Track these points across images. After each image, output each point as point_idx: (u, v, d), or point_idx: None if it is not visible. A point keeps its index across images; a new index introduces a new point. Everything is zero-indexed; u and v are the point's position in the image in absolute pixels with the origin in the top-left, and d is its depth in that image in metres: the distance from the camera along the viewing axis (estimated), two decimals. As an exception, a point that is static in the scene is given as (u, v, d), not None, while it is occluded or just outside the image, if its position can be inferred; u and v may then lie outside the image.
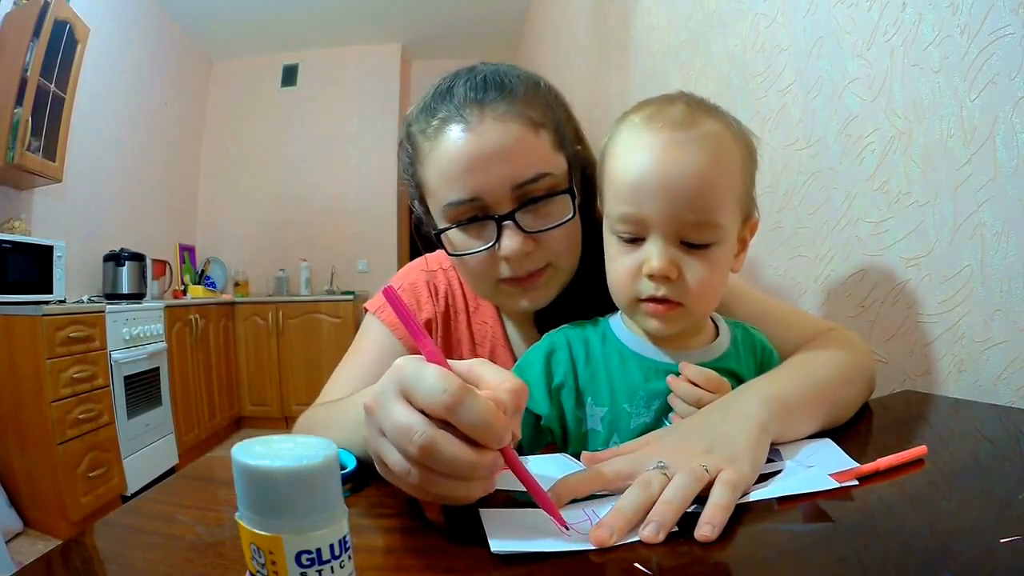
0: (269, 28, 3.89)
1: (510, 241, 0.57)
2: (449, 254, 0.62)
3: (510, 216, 0.57)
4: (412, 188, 0.65)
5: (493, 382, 0.34)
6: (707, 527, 0.32)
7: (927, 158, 0.69)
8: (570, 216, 0.59)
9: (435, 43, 4.23)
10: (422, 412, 0.32)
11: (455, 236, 0.60)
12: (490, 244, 0.58)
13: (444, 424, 0.31)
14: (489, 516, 0.34)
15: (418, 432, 0.31)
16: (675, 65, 1.46)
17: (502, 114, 0.56)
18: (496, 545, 0.31)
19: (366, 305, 0.73)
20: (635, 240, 0.50)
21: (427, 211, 0.64)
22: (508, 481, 0.38)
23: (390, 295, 0.36)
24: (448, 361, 0.35)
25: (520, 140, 0.56)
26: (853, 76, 0.81)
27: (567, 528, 0.33)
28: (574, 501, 0.37)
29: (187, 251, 3.84)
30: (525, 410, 0.53)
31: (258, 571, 0.23)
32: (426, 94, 0.61)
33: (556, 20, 3.03)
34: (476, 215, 0.58)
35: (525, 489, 0.35)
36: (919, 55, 0.69)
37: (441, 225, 0.60)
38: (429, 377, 0.31)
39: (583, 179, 0.64)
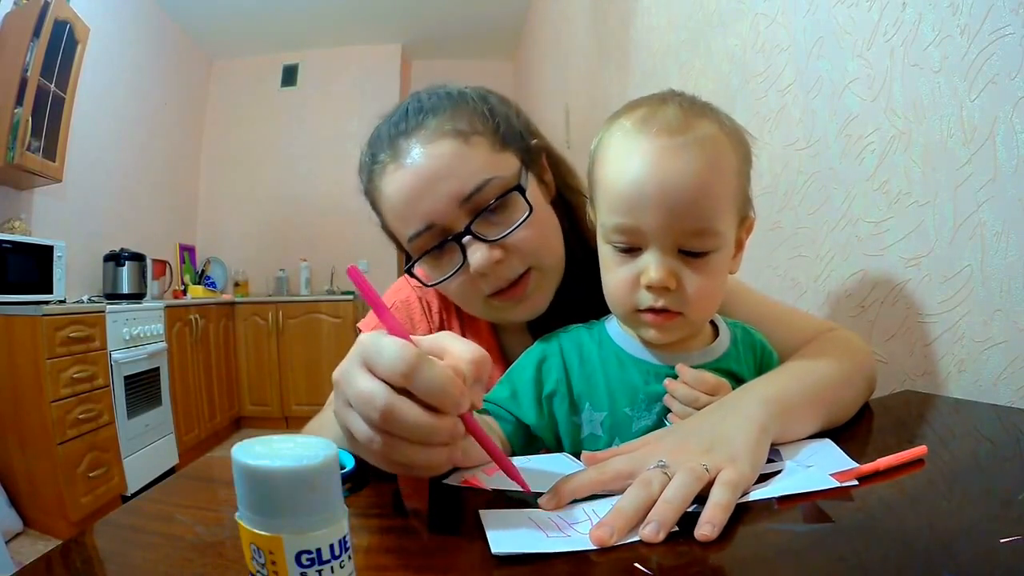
0: (269, 28, 3.89)
1: (476, 255, 0.56)
2: (427, 286, 0.62)
3: (467, 231, 0.56)
4: (389, 237, 0.66)
5: (456, 352, 0.35)
6: (707, 527, 0.32)
7: (927, 158, 0.69)
8: (528, 213, 0.57)
9: (435, 43, 4.23)
10: (384, 382, 0.33)
11: (425, 267, 0.61)
12: (459, 266, 0.58)
13: (405, 393, 0.33)
14: (489, 517, 0.35)
15: (379, 398, 0.32)
16: (675, 65, 1.46)
17: (428, 136, 0.56)
18: (497, 546, 0.31)
19: (359, 325, 0.72)
20: (631, 250, 0.49)
21: (404, 251, 0.65)
22: (502, 481, 0.39)
23: (353, 274, 0.37)
24: (413, 336, 0.36)
25: (451, 155, 0.56)
26: (853, 76, 0.81)
27: (530, 491, 0.34)
28: (574, 501, 0.37)
29: (187, 251, 3.84)
30: (514, 418, 0.53)
31: (258, 571, 0.23)
32: (363, 147, 0.63)
33: (556, 20, 3.03)
34: (438, 240, 0.58)
35: (515, 487, 0.36)
36: (919, 55, 0.69)
37: (413, 260, 0.61)
38: (388, 347, 0.33)
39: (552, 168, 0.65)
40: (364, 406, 0.33)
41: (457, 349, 0.36)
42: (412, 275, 0.62)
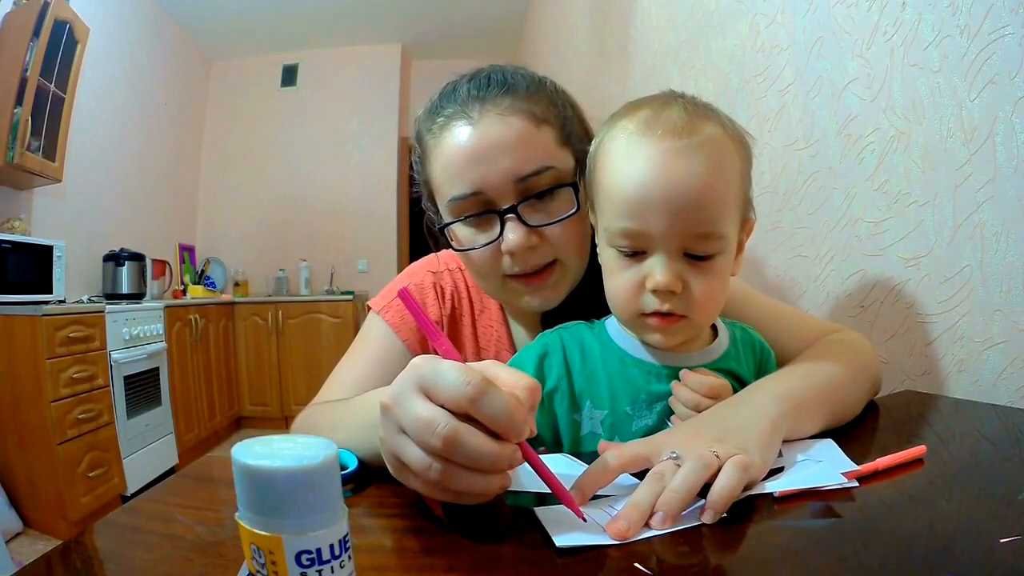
0: (269, 28, 3.89)
1: (513, 235, 0.57)
2: (455, 250, 0.62)
3: (512, 209, 0.57)
4: (422, 186, 0.66)
5: (509, 381, 0.35)
6: (708, 513, 0.33)
7: (927, 158, 0.69)
8: (574, 211, 0.58)
9: (435, 43, 4.23)
10: (442, 407, 0.32)
11: (460, 231, 0.61)
12: (494, 239, 0.58)
13: (466, 419, 0.32)
14: (546, 514, 0.35)
15: (441, 424, 0.31)
16: (675, 65, 1.46)
17: (504, 109, 0.57)
18: (560, 541, 0.32)
19: (370, 303, 0.72)
20: (636, 254, 0.48)
21: (436, 210, 0.65)
22: (518, 482, 0.39)
23: (405, 296, 0.37)
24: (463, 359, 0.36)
25: (522, 134, 0.56)
26: (853, 76, 0.81)
27: (585, 519, 0.34)
28: (597, 497, 0.37)
29: (187, 251, 3.84)
30: None
31: (258, 571, 0.23)
32: (433, 96, 0.63)
33: (556, 20, 3.03)
34: (480, 210, 0.58)
35: (537, 489, 0.36)
36: (919, 55, 0.69)
37: (447, 220, 0.61)
38: (450, 372, 0.32)
39: None
40: (424, 431, 0.31)
41: (510, 377, 0.35)
42: (444, 235, 0.62)
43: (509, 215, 0.57)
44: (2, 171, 2.25)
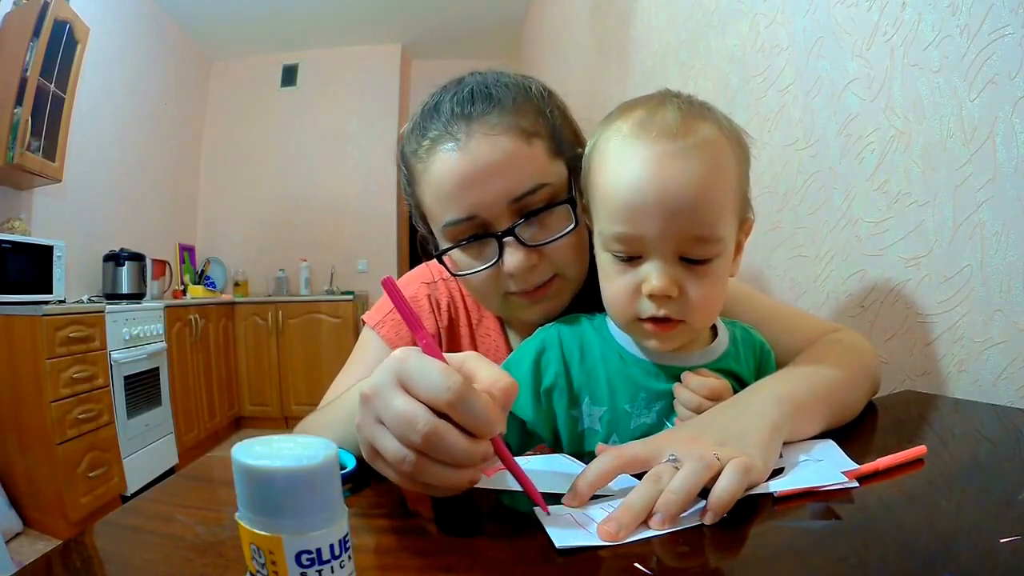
0: (269, 28, 3.89)
1: (512, 257, 0.56)
2: (452, 274, 0.61)
3: (510, 232, 0.55)
4: (413, 208, 0.65)
5: (487, 379, 0.35)
6: (709, 515, 0.33)
7: (927, 158, 0.69)
8: (572, 226, 0.57)
9: (435, 43, 4.23)
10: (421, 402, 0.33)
11: (457, 256, 0.59)
12: (492, 262, 0.57)
13: (442, 415, 0.32)
14: (543, 515, 0.35)
15: (422, 422, 0.32)
16: (675, 65, 1.46)
17: (492, 127, 0.54)
18: (560, 541, 0.32)
19: (364, 317, 0.72)
20: (631, 258, 0.48)
21: (429, 231, 0.63)
22: (501, 482, 0.39)
23: (389, 286, 0.37)
24: (443, 355, 0.36)
25: (512, 153, 0.54)
26: (853, 76, 0.81)
27: (548, 512, 0.35)
28: (595, 497, 0.37)
29: (187, 251, 3.84)
30: (510, 414, 0.53)
31: (258, 571, 0.23)
32: (415, 113, 0.61)
33: (556, 20, 3.03)
34: (476, 233, 0.57)
35: (519, 489, 0.36)
36: (919, 55, 0.69)
37: (443, 245, 0.59)
38: (432, 372, 0.33)
39: None
40: (404, 427, 0.32)
41: (488, 375, 0.35)
42: (441, 261, 0.61)
43: (507, 238, 0.56)
44: (2, 171, 2.25)
